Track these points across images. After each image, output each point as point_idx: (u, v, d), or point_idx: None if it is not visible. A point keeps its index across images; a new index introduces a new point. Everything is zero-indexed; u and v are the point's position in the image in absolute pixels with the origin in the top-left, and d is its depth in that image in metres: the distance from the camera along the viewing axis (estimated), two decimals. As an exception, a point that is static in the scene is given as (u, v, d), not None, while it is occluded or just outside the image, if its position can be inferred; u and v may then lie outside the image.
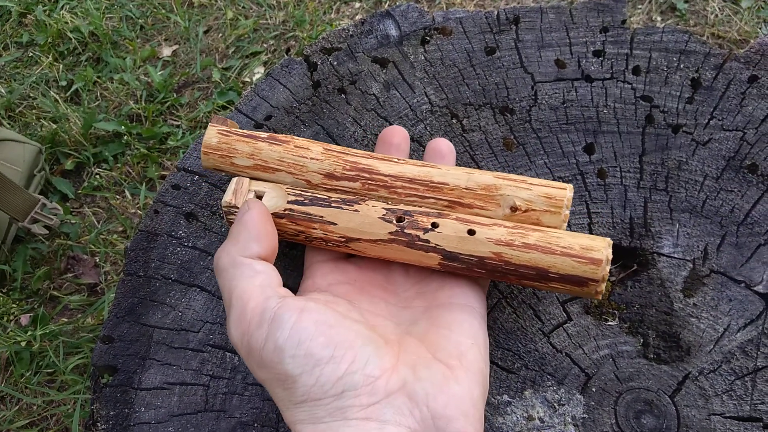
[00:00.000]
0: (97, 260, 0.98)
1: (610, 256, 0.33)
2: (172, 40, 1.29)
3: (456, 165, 0.41)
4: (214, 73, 1.19)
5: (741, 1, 1.14)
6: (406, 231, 0.34)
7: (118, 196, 1.05)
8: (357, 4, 1.29)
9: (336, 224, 0.36)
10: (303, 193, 0.36)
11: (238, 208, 0.36)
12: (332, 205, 0.36)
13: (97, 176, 1.08)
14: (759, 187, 0.43)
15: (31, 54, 1.29)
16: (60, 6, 1.34)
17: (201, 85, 1.20)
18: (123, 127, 1.10)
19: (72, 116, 1.13)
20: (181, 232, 0.45)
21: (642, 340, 0.38)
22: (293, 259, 0.42)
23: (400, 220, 0.35)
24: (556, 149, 0.45)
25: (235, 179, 0.37)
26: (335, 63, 0.52)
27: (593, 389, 0.37)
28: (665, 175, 0.44)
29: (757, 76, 0.47)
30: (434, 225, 0.34)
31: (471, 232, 0.34)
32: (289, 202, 0.36)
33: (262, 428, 0.37)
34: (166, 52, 1.27)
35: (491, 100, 0.48)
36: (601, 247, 0.33)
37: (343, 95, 0.50)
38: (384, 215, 0.35)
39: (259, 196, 0.37)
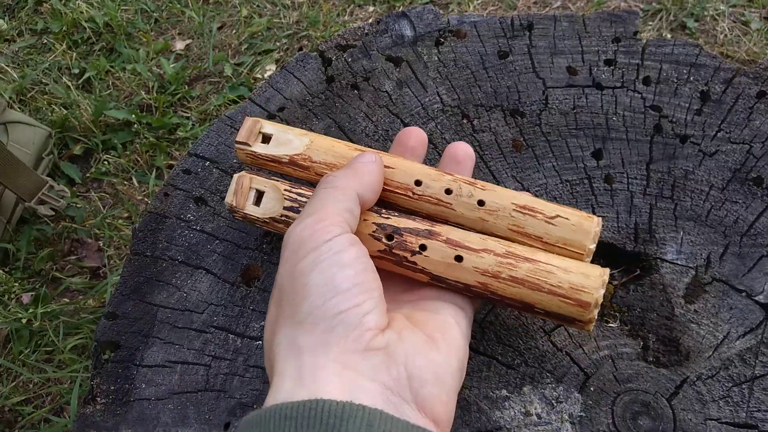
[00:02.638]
0: (101, 244, 0.98)
1: (601, 299, 0.32)
2: (186, 34, 1.31)
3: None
4: (226, 68, 1.20)
5: (750, 23, 1.16)
6: (394, 251, 0.34)
7: (125, 182, 1.06)
8: (371, 8, 1.30)
9: None
10: (299, 198, 0.37)
11: (239, 209, 0.38)
12: None
13: (105, 162, 1.08)
14: (763, 199, 0.43)
15: (45, 41, 1.30)
16: (77, -5, 1.36)
17: (212, 79, 1.21)
18: (133, 116, 1.11)
19: (83, 103, 1.14)
20: (189, 215, 0.45)
21: (642, 343, 0.38)
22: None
23: (389, 238, 0.34)
24: (564, 153, 0.46)
25: (236, 178, 0.38)
26: (350, 59, 0.52)
27: (591, 388, 0.37)
28: (671, 183, 0.44)
29: (766, 91, 0.48)
30: (422, 247, 0.34)
31: (458, 259, 0.33)
32: (285, 208, 0.37)
33: (261, 410, 0.37)
34: (180, 45, 1.28)
35: (502, 102, 0.49)
36: (593, 289, 0.31)
37: (356, 91, 0.51)
38: (374, 232, 0.34)
39: (260, 193, 0.38)
